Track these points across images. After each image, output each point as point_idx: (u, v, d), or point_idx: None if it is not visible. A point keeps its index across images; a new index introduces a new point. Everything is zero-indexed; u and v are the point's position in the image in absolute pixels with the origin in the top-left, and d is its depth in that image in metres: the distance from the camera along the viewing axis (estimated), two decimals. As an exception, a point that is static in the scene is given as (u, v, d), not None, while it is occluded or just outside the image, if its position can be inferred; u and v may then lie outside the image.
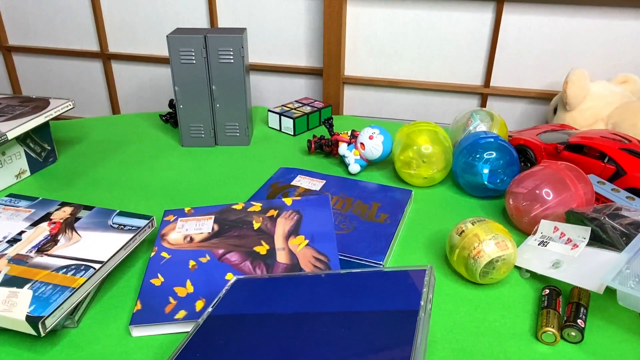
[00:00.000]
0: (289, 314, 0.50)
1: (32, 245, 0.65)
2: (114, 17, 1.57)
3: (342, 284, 0.54)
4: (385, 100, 1.47)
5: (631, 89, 1.18)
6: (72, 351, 0.56)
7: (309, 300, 0.52)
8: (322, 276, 0.56)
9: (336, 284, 0.54)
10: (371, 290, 0.51)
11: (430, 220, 0.81)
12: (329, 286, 0.54)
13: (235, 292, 0.58)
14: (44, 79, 1.73)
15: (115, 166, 0.98)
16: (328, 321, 0.47)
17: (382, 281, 0.52)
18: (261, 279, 0.59)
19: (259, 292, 0.56)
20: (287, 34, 1.46)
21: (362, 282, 0.53)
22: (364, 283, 0.53)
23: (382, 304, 0.48)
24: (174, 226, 0.73)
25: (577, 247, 0.65)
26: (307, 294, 0.53)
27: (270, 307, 0.52)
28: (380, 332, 0.44)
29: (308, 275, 0.57)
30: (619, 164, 0.81)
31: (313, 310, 0.50)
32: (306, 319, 0.49)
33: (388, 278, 0.52)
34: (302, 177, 0.89)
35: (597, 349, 0.56)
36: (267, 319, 0.50)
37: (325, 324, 0.47)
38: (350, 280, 0.54)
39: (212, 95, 1.02)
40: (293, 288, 0.55)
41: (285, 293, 0.55)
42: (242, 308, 0.54)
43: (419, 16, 1.34)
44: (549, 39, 1.28)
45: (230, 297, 0.57)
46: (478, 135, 0.86)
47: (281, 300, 0.53)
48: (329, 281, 0.55)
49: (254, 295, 0.56)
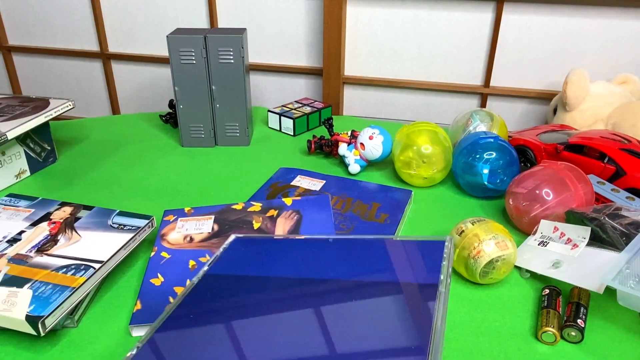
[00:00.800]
0: (291, 278, 0.46)
1: (32, 245, 0.65)
2: (114, 17, 1.57)
3: (351, 250, 0.48)
4: (385, 101, 1.47)
5: (631, 89, 1.18)
6: (72, 351, 0.56)
7: (315, 265, 0.47)
8: (330, 241, 0.51)
9: (345, 250, 0.49)
10: (385, 260, 0.46)
11: (430, 220, 0.81)
12: (337, 252, 0.48)
13: (233, 252, 0.53)
14: (44, 79, 1.73)
15: (115, 166, 0.98)
16: (336, 288, 0.43)
17: (397, 250, 0.47)
18: (262, 239, 0.55)
19: (260, 252, 0.52)
20: (287, 34, 1.46)
21: (375, 250, 0.48)
22: (377, 251, 0.47)
23: (397, 275, 0.43)
24: (174, 226, 0.73)
25: (577, 247, 0.65)
26: (313, 258, 0.48)
27: (272, 270, 0.48)
28: (394, 306, 0.39)
29: (314, 239, 0.52)
30: (618, 164, 0.81)
31: (318, 277, 0.45)
32: (311, 284, 0.44)
33: (403, 247, 0.47)
34: (302, 177, 0.89)
35: (597, 349, 0.56)
36: (267, 282, 0.46)
37: (333, 292, 0.42)
38: (360, 246, 0.49)
39: (212, 95, 1.02)
40: (297, 251, 0.50)
41: (288, 256, 0.50)
42: (241, 268, 0.49)
43: (419, 16, 1.34)
44: (549, 39, 1.28)
45: (228, 256, 0.53)
46: (478, 136, 0.86)
47: (283, 263, 0.49)
48: (337, 246, 0.50)
49: (255, 256, 0.51)
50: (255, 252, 0.52)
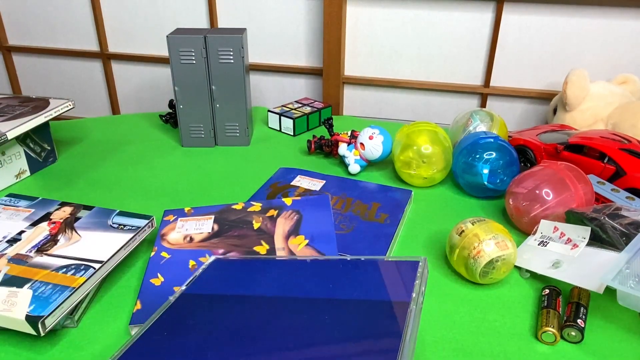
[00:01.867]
0: (267, 297, 0.47)
1: (32, 245, 0.65)
2: (114, 17, 1.57)
3: (328, 271, 0.50)
4: (385, 101, 1.47)
5: (631, 89, 1.18)
6: (72, 351, 0.56)
7: (291, 284, 0.48)
8: (308, 261, 0.53)
9: (322, 271, 0.50)
10: (360, 279, 0.47)
11: (430, 220, 0.81)
12: (314, 272, 0.50)
13: (211, 272, 0.54)
14: (44, 79, 1.73)
15: (115, 166, 0.98)
16: (310, 307, 0.44)
17: (372, 270, 0.49)
18: (240, 261, 0.56)
19: (237, 273, 0.53)
20: (287, 34, 1.46)
21: (351, 270, 0.49)
22: (353, 271, 0.49)
23: (371, 293, 0.44)
24: (174, 226, 0.73)
25: (577, 247, 0.65)
26: (289, 279, 0.50)
27: (248, 289, 0.49)
28: (366, 322, 0.40)
29: (292, 260, 0.54)
30: (618, 164, 0.81)
31: (293, 295, 0.46)
32: (285, 303, 0.45)
33: (379, 267, 0.49)
34: (302, 177, 0.89)
35: (597, 348, 0.56)
36: (243, 301, 0.47)
37: (307, 310, 0.44)
38: (337, 267, 0.50)
39: (212, 95, 1.02)
40: (274, 272, 0.52)
41: (265, 276, 0.51)
42: (218, 288, 0.51)
43: (419, 16, 1.34)
44: (549, 39, 1.28)
45: (206, 277, 0.54)
46: (478, 136, 0.86)
47: (260, 282, 0.50)
48: (314, 267, 0.51)
49: (232, 277, 0.52)
50: (233, 272, 0.53)
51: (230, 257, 0.57)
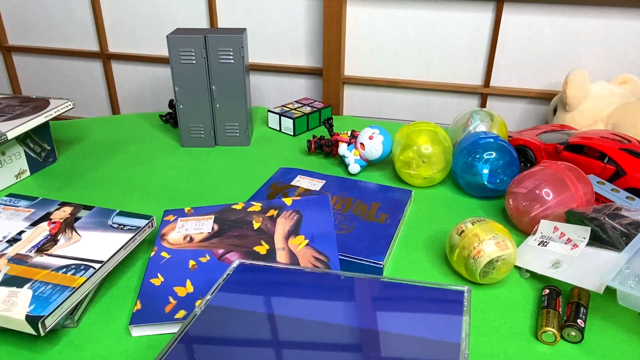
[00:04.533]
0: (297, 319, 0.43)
1: (32, 245, 0.65)
2: (114, 17, 1.57)
3: (363, 291, 0.45)
4: (385, 101, 1.47)
5: (631, 89, 1.18)
6: (72, 351, 0.56)
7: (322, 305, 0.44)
8: (342, 278, 0.49)
9: (357, 290, 0.46)
10: (401, 307, 0.42)
11: (430, 220, 0.81)
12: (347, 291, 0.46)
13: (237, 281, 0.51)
14: (44, 79, 1.73)
15: (115, 166, 0.98)
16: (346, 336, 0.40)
17: (413, 297, 0.44)
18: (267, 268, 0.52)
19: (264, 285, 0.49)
20: (287, 34, 1.46)
21: (388, 294, 0.44)
22: (391, 295, 0.44)
23: (414, 328, 0.39)
24: (174, 226, 0.73)
25: (577, 247, 0.65)
26: (321, 297, 0.46)
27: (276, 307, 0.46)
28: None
29: (323, 273, 0.50)
30: (618, 164, 0.81)
31: (326, 319, 0.42)
32: (317, 328, 0.41)
33: (420, 293, 0.44)
34: (302, 177, 0.89)
35: (597, 348, 0.56)
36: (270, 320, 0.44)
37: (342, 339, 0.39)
38: (373, 288, 0.46)
39: (212, 95, 1.02)
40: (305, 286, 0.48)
41: (294, 292, 0.47)
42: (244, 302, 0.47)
43: (419, 16, 1.34)
44: (549, 39, 1.28)
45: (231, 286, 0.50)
46: (478, 136, 0.86)
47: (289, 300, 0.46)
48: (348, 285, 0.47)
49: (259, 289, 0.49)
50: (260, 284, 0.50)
51: (255, 263, 0.53)
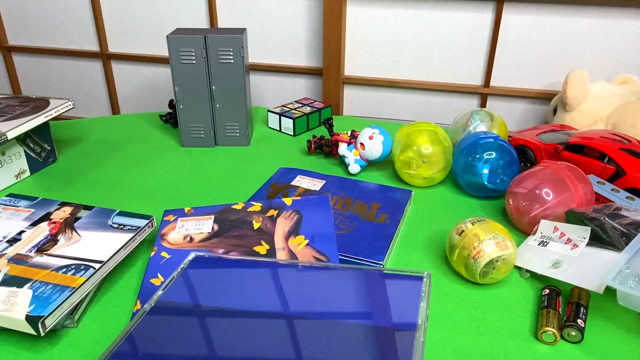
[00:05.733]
0: (253, 312, 0.41)
1: (32, 245, 0.65)
2: (114, 17, 1.57)
3: (321, 280, 0.44)
4: (385, 101, 1.47)
5: (631, 89, 1.18)
6: (72, 351, 0.56)
7: (281, 295, 0.43)
8: (299, 268, 0.47)
9: (316, 280, 0.45)
10: (359, 294, 0.41)
11: (430, 220, 0.81)
12: (306, 281, 0.44)
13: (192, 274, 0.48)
14: (44, 79, 1.73)
15: (115, 166, 0.98)
16: (302, 326, 0.38)
17: (370, 284, 0.43)
18: (224, 260, 0.50)
19: (220, 278, 0.47)
20: (287, 34, 1.46)
21: (347, 282, 0.43)
22: (350, 283, 0.43)
23: (370, 315, 0.39)
24: (174, 226, 0.73)
25: (577, 247, 0.65)
26: (279, 288, 0.44)
27: (231, 299, 0.43)
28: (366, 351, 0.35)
29: (282, 264, 0.48)
30: (618, 164, 0.81)
31: (282, 310, 0.41)
32: (274, 319, 0.40)
33: (377, 280, 0.43)
34: (302, 177, 0.89)
35: (597, 348, 0.56)
36: (225, 314, 0.42)
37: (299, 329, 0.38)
38: (332, 277, 0.45)
39: (212, 95, 1.02)
40: (263, 277, 0.46)
41: (251, 283, 0.45)
42: (198, 297, 0.45)
43: (419, 16, 1.34)
44: (549, 39, 1.28)
45: (185, 281, 0.48)
46: (478, 136, 0.86)
47: (245, 290, 0.44)
48: (306, 275, 0.45)
49: (214, 282, 0.46)
50: (216, 276, 0.48)
51: (211, 255, 0.51)
